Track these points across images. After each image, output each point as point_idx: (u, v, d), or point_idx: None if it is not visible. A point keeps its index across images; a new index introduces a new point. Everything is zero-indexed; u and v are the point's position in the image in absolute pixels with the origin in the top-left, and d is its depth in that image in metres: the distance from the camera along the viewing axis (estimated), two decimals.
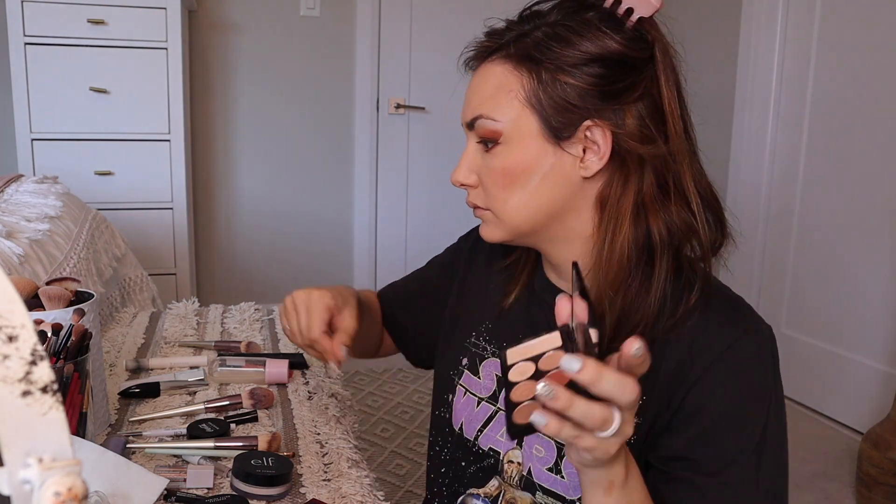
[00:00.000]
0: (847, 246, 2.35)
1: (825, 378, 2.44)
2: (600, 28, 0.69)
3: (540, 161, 0.71)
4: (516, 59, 0.71)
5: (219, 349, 1.17)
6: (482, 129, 0.72)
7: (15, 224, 1.40)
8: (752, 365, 0.69)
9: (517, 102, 0.70)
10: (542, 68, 0.69)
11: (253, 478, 0.73)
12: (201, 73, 3.02)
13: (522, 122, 0.70)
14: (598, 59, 0.68)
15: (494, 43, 0.73)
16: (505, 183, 0.72)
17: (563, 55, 0.69)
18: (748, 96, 2.65)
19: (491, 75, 0.72)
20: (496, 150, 0.72)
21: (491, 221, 0.76)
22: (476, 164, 0.75)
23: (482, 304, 0.89)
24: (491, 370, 0.84)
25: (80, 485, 0.27)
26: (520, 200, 0.73)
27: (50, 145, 2.51)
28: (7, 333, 0.27)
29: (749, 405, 0.69)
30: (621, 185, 0.71)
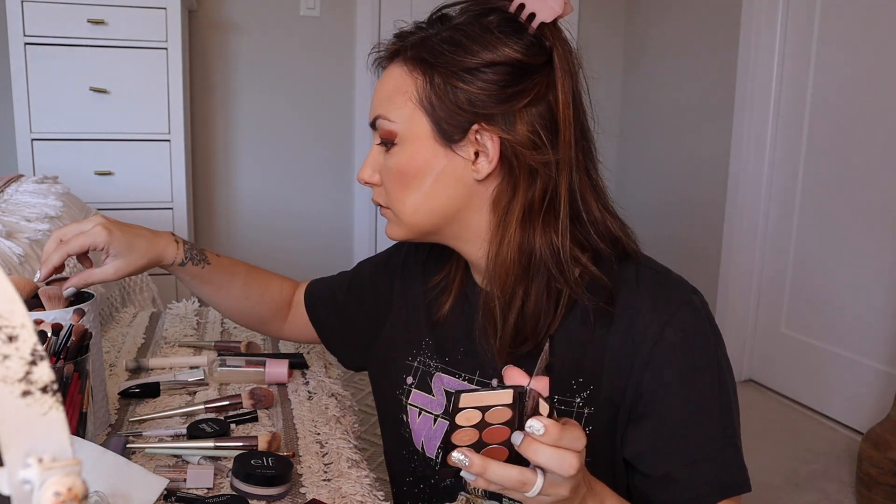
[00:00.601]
0: (847, 246, 2.35)
1: (825, 378, 2.43)
2: (497, 34, 0.70)
3: (432, 163, 0.73)
4: (413, 62, 0.73)
5: (219, 349, 1.17)
6: (381, 130, 0.74)
7: (15, 224, 1.40)
8: (693, 337, 0.71)
9: (410, 104, 0.72)
10: (436, 72, 0.71)
11: (253, 478, 0.73)
12: (201, 73, 3.02)
13: (415, 124, 0.72)
14: (490, 65, 0.69)
15: (399, 45, 0.75)
16: (401, 183, 0.74)
17: (455, 60, 0.70)
18: (748, 96, 2.65)
19: (391, 77, 0.74)
20: (393, 151, 0.74)
21: (392, 220, 0.78)
22: (378, 163, 0.77)
23: (419, 321, 0.87)
24: (441, 385, 0.83)
25: (80, 485, 0.27)
26: (416, 201, 0.74)
27: (50, 145, 2.51)
28: (7, 333, 0.27)
29: (700, 376, 0.71)
30: (510, 190, 0.72)
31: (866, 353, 2.29)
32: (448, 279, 0.85)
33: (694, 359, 0.70)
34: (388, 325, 0.92)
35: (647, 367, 0.70)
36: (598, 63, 3.77)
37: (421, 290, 0.88)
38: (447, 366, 0.83)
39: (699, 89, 2.92)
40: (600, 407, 0.72)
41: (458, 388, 0.80)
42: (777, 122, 2.62)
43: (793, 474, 2.07)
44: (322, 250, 3.30)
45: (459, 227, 0.76)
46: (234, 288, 0.97)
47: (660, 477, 0.70)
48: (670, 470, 0.70)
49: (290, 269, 3.44)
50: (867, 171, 2.27)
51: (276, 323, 1.03)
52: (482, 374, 0.80)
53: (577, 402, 0.73)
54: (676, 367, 0.70)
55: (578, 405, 0.72)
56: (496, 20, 0.71)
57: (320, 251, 3.30)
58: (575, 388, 0.73)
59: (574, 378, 0.73)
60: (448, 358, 0.83)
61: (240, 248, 3.20)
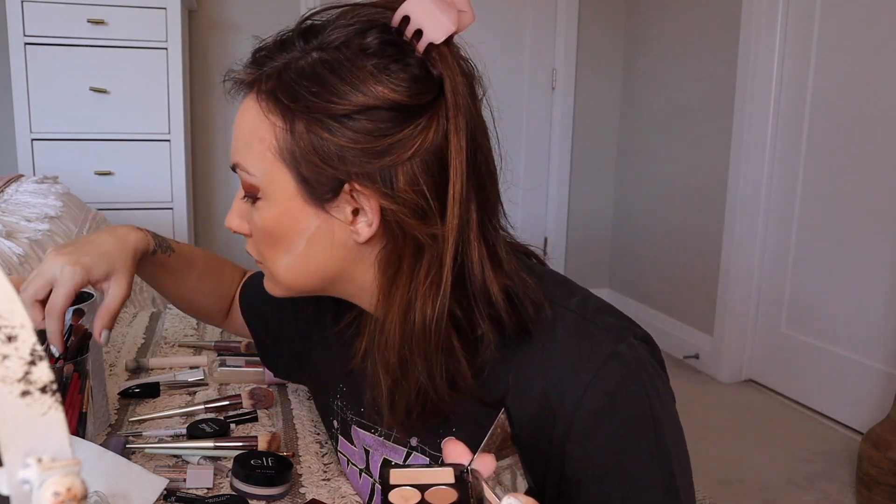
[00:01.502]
0: (847, 246, 2.35)
1: (825, 378, 2.43)
2: (370, 68, 0.56)
3: (301, 224, 0.61)
4: (269, 101, 0.59)
5: (219, 349, 1.17)
6: (241, 180, 0.64)
7: (15, 224, 1.40)
8: (621, 397, 0.59)
9: (269, 155, 0.60)
10: (296, 117, 0.58)
11: (253, 478, 0.73)
12: (201, 73, 3.02)
13: (277, 179, 0.60)
14: (362, 110, 0.56)
15: (254, 72, 0.62)
16: (269, 242, 0.64)
17: (319, 104, 0.57)
18: (748, 96, 2.65)
19: (247, 116, 0.62)
20: (258, 205, 0.63)
21: (268, 277, 0.68)
22: (246, 212, 0.66)
23: (334, 365, 0.79)
24: (360, 439, 0.76)
25: (79, 485, 0.27)
26: (289, 263, 0.64)
27: (50, 145, 2.51)
28: (6, 333, 0.27)
29: (634, 441, 0.60)
30: (396, 259, 0.60)
31: (866, 353, 2.29)
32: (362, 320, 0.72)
33: (624, 422, 0.59)
34: (313, 354, 0.83)
35: (568, 439, 0.59)
36: (598, 63, 3.76)
37: (333, 331, 0.78)
38: (362, 418, 0.74)
39: (699, 89, 2.92)
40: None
41: (375, 445, 0.73)
42: (777, 122, 2.62)
43: (793, 474, 2.07)
44: None
45: (346, 286, 0.65)
46: (191, 278, 0.90)
47: None
48: None
49: None
50: (867, 171, 2.27)
51: (219, 316, 0.97)
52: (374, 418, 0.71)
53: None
54: (603, 436, 0.59)
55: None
56: (374, 43, 0.57)
57: None
58: None
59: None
60: (363, 409, 0.74)
61: (240, 248, 3.19)
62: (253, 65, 0.62)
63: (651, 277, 3.29)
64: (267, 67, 0.61)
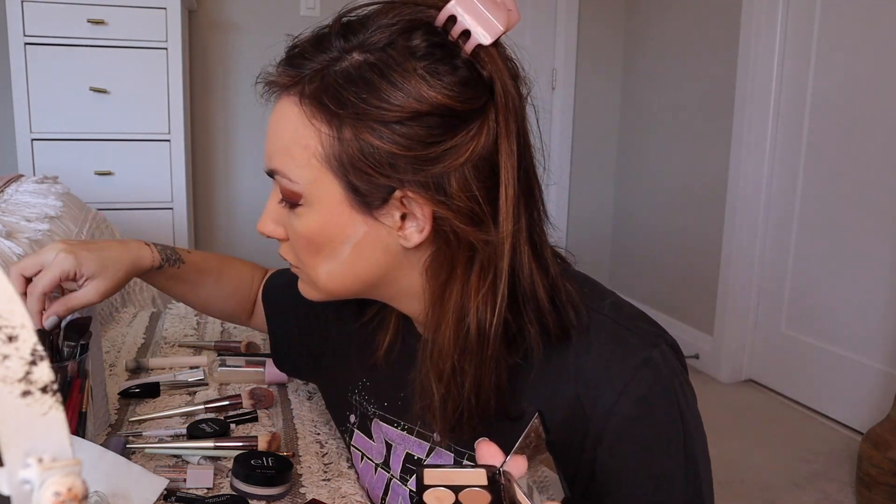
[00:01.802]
0: (847, 246, 2.35)
1: (825, 378, 2.43)
2: (421, 71, 0.54)
3: (348, 231, 0.59)
4: (313, 106, 0.57)
5: (219, 349, 1.17)
6: (281, 187, 0.60)
7: (15, 224, 1.40)
8: (653, 404, 0.59)
9: (315, 162, 0.57)
10: (344, 124, 0.56)
11: (253, 478, 0.73)
12: (201, 73, 3.02)
13: (323, 187, 0.58)
14: (414, 117, 0.54)
15: (293, 75, 0.58)
16: (311, 249, 0.61)
17: (369, 110, 0.55)
18: (748, 96, 2.65)
19: (286, 119, 0.59)
20: (299, 212, 0.60)
21: (305, 282, 0.66)
22: (282, 216, 0.63)
23: (355, 359, 0.79)
24: (381, 433, 0.75)
25: (80, 485, 0.27)
26: (331, 270, 0.62)
27: (50, 145, 2.51)
28: (7, 333, 0.27)
29: (664, 448, 0.61)
30: (448, 265, 0.59)
31: (866, 353, 2.29)
32: (386, 313, 0.73)
33: (655, 429, 0.60)
34: (331, 350, 0.83)
35: (600, 444, 0.60)
36: (598, 63, 3.76)
37: (355, 325, 0.77)
38: (385, 412, 0.74)
39: (699, 89, 2.92)
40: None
41: (398, 439, 0.73)
42: (777, 122, 2.62)
43: (793, 474, 2.07)
44: None
45: (388, 289, 0.64)
46: (208, 284, 0.91)
47: None
48: None
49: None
50: (867, 171, 2.27)
51: (243, 317, 0.99)
52: (423, 426, 0.70)
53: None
54: (635, 442, 0.60)
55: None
56: (423, 46, 0.55)
57: None
58: None
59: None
60: (387, 404, 0.74)
61: (240, 248, 3.19)
62: (290, 66, 0.59)
63: (651, 277, 3.29)
64: (307, 69, 0.58)
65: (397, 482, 0.73)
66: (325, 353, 0.84)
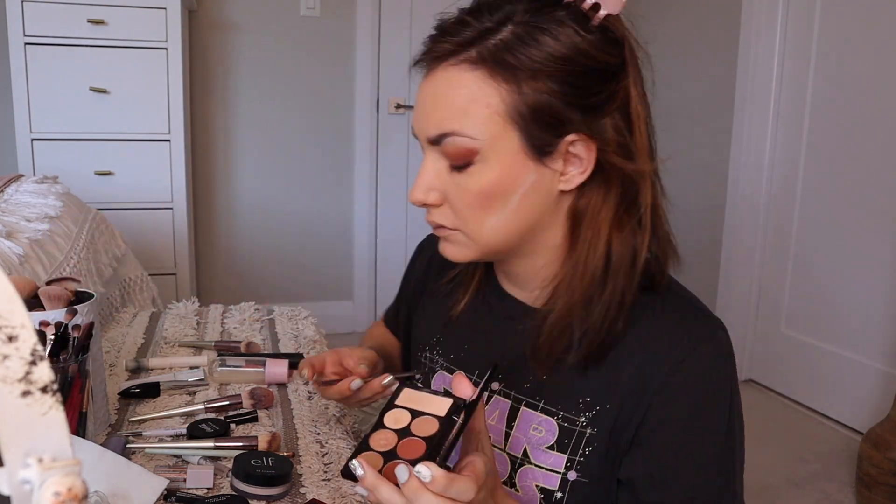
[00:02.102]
0: (847, 246, 2.35)
1: (825, 378, 2.43)
2: (578, 31, 0.63)
3: (521, 179, 0.65)
4: (490, 66, 0.63)
5: (219, 349, 1.17)
6: (454, 148, 0.65)
7: (15, 224, 1.40)
8: (710, 374, 0.66)
9: (497, 118, 0.63)
10: (524, 80, 0.62)
11: (253, 478, 0.73)
12: (201, 73, 3.02)
13: (503, 141, 0.64)
14: (582, 70, 0.63)
15: (455, 43, 0.64)
16: (481, 204, 0.66)
17: (544, 63, 0.62)
18: (748, 96, 2.65)
19: (458, 84, 0.64)
20: (472, 170, 0.65)
21: (460, 242, 0.70)
22: (440, 181, 0.68)
23: (433, 318, 0.86)
24: (440, 384, 0.81)
25: (80, 485, 0.27)
26: (497, 221, 0.67)
27: (50, 145, 2.51)
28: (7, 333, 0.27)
29: (709, 416, 0.67)
30: (601, 198, 0.67)
31: (866, 352, 2.29)
32: (464, 274, 0.81)
33: (707, 398, 0.66)
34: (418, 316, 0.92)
35: (657, 395, 0.66)
36: None
37: (440, 285, 0.85)
38: (451, 364, 0.81)
39: (699, 89, 2.91)
40: (604, 429, 0.68)
41: None
42: (777, 122, 2.62)
43: (793, 474, 2.07)
44: (322, 250, 3.30)
45: (528, 242, 0.70)
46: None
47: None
48: (662, 501, 0.66)
49: (289, 268, 3.45)
50: (867, 171, 2.27)
51: None
52: (480, 375, 0.77)
53: (581, 420, 0.70)
54: (687, 402, 0.66)
55: (582, 424, 0.70)
56: (566, 16, 0.63)
57: (320, 251, 3.30)
58: (581, 407, 0.70)
59: (582, 396, 0.70)
60: (453, 356, 0.81)
61: (240, 248, 3.20)
62: (452, 35, 0.64)
63: None
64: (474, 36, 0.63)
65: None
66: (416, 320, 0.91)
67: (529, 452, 0.72)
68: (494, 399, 0.75)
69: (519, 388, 0.73)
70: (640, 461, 0.67)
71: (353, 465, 0.54)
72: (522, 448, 0.72)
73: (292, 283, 3.27)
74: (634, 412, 0.67)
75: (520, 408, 0.73)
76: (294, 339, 1.26)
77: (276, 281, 3.24)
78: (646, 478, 0.67)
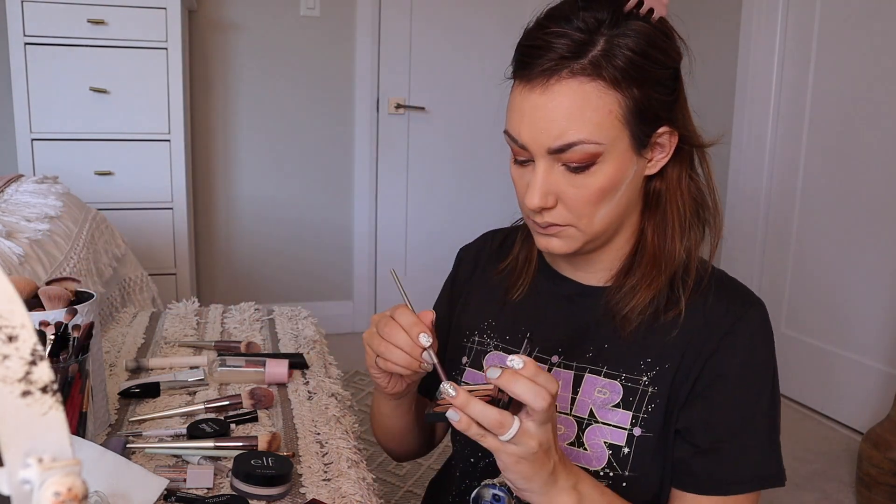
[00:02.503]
0: (847, 246, 2.35)
1: (825, 378, 2.43)
2: (664, 40, 0.72)
3: (627, 172, 0.73)
4: (605, 76, 0.69)
5: (219, 349, 1.17)
6: (580, 154, 0.70)
7: (15, 224, 1.40)
8: (759, 335, 0.76)
9: (616, 122, 0.70)
10: (635, 86, 0.70)
11: (253, 478, 0.73)
12: (201, 73, 3.02)
13: (620, 141, 0.71)
14: (666, 68, 0.72)
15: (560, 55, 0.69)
16: (598, 199, 0.73)
17: (652, 72, 0.71)
18: (748, 96, 2.65)
19: (581, 96, 0.69)
20: (593, 170, 0.72)
21: (571, 236, 0.76)
22: (556, 185, 0.73)
23: (484, 305, 0.90)
24: (493, 362, 0.86)
25: (80, 485, 0.27)
26: (607, 211, 0.75)
27: (50, 145, 2.51)
28: (7, 333, 0.27)
29: (758, 372, 0.76)
30: (678, 171, 0.78)
31: (866, 353, 2.29)
32: (516, 262, 0.88)
33: (756, 357, 0.76)
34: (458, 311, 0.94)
35: (714, 354, 0.75)
36: None
37: (492, 274, 0.91)
38: (507, 345, 0.86)
39: (699, 89, 2.91)
40: (664, 386, 0.76)
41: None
42: (777, 122, 2.62)
43: (793, 474, 2.07)
44: (322, 250, 3.30)
45: (619, 226, 0.79)
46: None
47: (706, 449, 0.74)
48: (718, 445, 0.74)
49: (289, 269, 3.45)
50: (867, 171, 2.27)
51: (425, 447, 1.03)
52: (542, 350, 0.84)
53: (643, 380, 0.77)
54: (740, 360, 0.75)
55: (644, 383, 0.77)
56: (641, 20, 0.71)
57: (320, 251, 3.30)
58: (643, 368, 0.77)
59: (642, 358, 0.77)
60: (509, 337, 0.86)
61: (240, 248, 3.20)
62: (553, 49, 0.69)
63: None
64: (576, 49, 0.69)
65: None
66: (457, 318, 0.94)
67: (595, 412, 0.78)
68: (554, 371, 0.81)
69: (581, 359, 0.80)
70: (698, 411, 0.75)
71: (444, 388, 0.60)
72: (588, 409, 0.79)
73: (292, 283, 3.27)
74: (692, 369, 0.75)
75: (584, 375, 0.80)
76: (294, 339, 1.26)
77: (276, 281, 3.24)
78: (702, 424, 0.75)
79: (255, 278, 3.22)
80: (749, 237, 2.70)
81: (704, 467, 0.74)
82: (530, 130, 0.71)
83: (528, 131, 0.71)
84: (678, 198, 0.78)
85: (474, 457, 0.86)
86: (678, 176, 0.79)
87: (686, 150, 0.78)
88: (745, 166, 2.67)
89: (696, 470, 0.75)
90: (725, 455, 0.74)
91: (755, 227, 2.68)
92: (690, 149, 0.79)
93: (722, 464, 0.74)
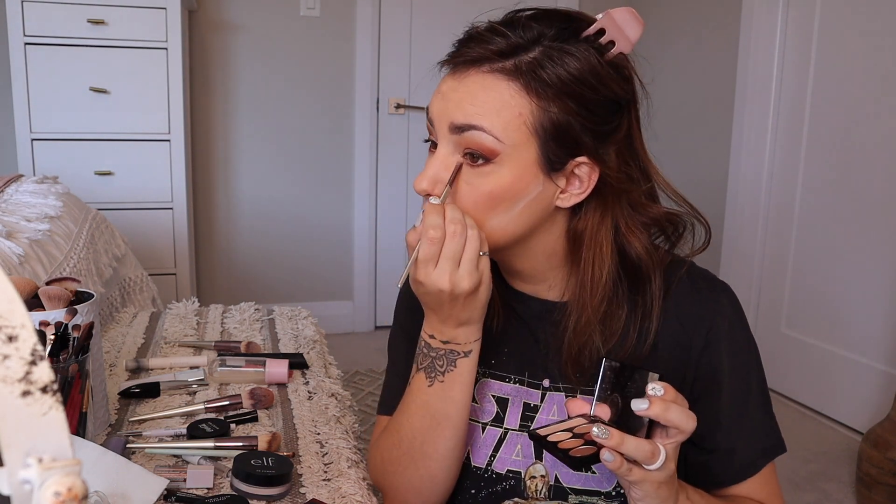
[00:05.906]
0: (847, 246, 2.35)
1: (825, 378, 2.43)
2: (600, 61, 0.68)
3: (529, 189, 0.69)
4: (525, 80, 0.67)
5: (219, 349, 1.17)
6: (475, 141, 0.68)
7: (15, 224, 1.40)
8: (737, 321, 0.78)
9: (525, 129, 0.67)
10: (553, 102, 0.67)
11: (253, 478, 0.73)
12: (201, 73, 3.02)
13: (524, 149, 0.68)
14: (603, 101, 0.69)
15: (490, 51, 0.68)
16: (487, 205, 0.70)
17: (571, 85, 0.67)
18: (748, 96, 2.65)
19: (494, 89, 0.68)
20: (485, 169, 0.68)
21: None
22: (448, 174, 0.70)
23: None
24: (486, 392, 0.82)
25: (80, 485, 0.27)
26: (499, 224, 0.71)
27: (50, 145, 2.51)
28: (7, 333, 0.27)
29: (744, 355, 0.78)
30: (598, 217, 0.73)
31: (866, 352, 2.29)
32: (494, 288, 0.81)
33: (739, 342, 0.78)
34: None
35: (704, 352, 0.76)
36: None
37: None
38: (493, 370, 0.82)
39: (699, 89, 2.92)
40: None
41: (513, 393, 0.82)
42: (777, 122, 2.62)
43: (793, 474, 2.07)
44: (322, 250, 3.30)
45: (524, 248, 0.75)
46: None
47: (724, 450, 0.77)
48: (733, 444, 0.77)
49: (289, 269, 3.45)
50: (867, 171, 2.27)
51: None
52: (531, 375, 0.81)
53: None
54: (727, 350, 0.77)
55: None
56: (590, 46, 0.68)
57: (320, 251, 3.30)
58: None
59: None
60: (494, 361, 0.82)
61: (240, 248, 3.20)
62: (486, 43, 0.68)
63: None
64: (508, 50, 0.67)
65: (514, 433, 0.81)
66: None
67: None
68: (548, 396, 0.80)
69: (566, 379, 0.79)
70: (702, 415, 0.72)
71: (597, 432, 0.60)
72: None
73: (292, 283, 3.27)
74: (687, 369, 0.76)
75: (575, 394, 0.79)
76: (294, 339, 1.26)
77: (276, 281, 3.24)
78: (714, 427, 0.76)
79: (255, 278, 3.22)
80: (749, 237, 2.70)
81: (724, 467, 0.78)
82: (439, 106, 0.71)
83: (437, 107, 0.71)
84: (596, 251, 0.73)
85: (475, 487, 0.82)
86: (597, 224, 0.73)
87: (612, 199, 0.72)
88: (745, 166, 2.67)
89: (717, 471, 0.78)
90: (739, 449, 0.77)
91: (755, 226, 2.68)
92: (619, 196, 0.73)
93: (738, 458, 0.77)
